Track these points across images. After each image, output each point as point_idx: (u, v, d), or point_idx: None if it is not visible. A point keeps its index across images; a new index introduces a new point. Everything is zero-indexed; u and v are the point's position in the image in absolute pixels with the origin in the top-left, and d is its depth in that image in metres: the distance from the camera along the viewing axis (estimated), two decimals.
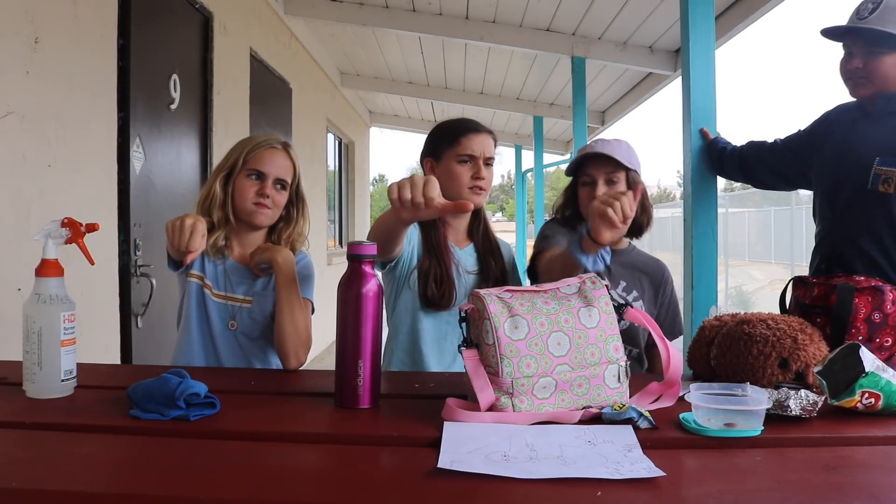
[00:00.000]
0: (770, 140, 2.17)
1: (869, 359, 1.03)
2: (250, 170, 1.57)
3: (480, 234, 1.75)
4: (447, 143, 1.67)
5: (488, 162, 1.67)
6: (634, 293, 1.73)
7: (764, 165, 2.15)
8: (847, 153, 1.77)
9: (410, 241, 1.59)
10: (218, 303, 1.57)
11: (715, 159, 2.40)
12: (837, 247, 1.76)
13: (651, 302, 1.76)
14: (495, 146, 1.71)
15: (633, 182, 1.66)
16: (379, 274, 1.18)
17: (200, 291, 1.57)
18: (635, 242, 1.84)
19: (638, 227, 1.71)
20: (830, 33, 1.81)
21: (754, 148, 2.21)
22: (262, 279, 1.59)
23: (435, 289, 1.60)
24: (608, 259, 1.44)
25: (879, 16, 1.68)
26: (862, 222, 1.71)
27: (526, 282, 1.81)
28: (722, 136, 2.42)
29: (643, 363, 1.73)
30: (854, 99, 1.81)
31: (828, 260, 1.78)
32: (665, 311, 1.79)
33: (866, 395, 1.01)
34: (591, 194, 1.66)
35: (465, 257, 1.70)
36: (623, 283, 1.73)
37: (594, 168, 1.68)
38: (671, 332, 1.78)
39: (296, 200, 1.66)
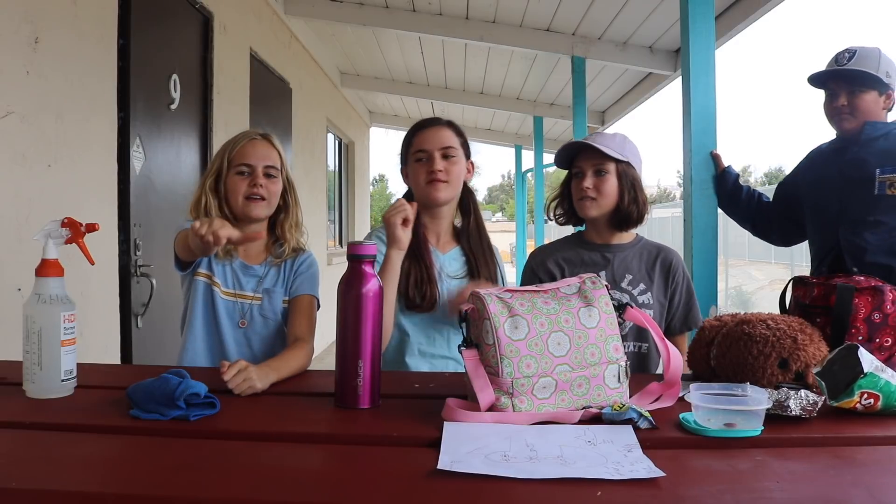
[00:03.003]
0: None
1: (867, 359, 1.03)
2: (238, 166, 1.57)
3: (471, 237, 1.72)
4: (406, 146, 1.70)
5: (447, 153, 1.64)
6: (641, 286, 1.66)
7: (781, 216, 2.36)
8: (848, 175, 2.08)
9: None
10: (227, 301, 1.57)
11: (725, 195, 2.48)
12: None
13: (661, 292, 1.68)
14: (458, 135, 1.68)
15: (623, 174, 1.64)
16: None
17: (209, 290, 1.57)
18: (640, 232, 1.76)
19: (626, 216, 1.65)
20: (816, 80, 2.16)
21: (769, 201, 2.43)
22: (271, 275, 1.59)
23: (416, 291, 1.60)
24: None
25: (856, 62, 2.05)
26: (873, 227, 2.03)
27: None
28: (732, 167, 2.51)
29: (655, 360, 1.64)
30: (835, 136, 2.18)
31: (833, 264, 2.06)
32: (678, 300, 1.69)
33: (865, 395, 1.01)
34: (579, 185, 1.65)
35: (448, 261, 1.68)
36: (629, 276, 1.67)
37: (583, 159, 1.66)
38: (684, 322, 1.69)
39: (287, 186, 1.66)
